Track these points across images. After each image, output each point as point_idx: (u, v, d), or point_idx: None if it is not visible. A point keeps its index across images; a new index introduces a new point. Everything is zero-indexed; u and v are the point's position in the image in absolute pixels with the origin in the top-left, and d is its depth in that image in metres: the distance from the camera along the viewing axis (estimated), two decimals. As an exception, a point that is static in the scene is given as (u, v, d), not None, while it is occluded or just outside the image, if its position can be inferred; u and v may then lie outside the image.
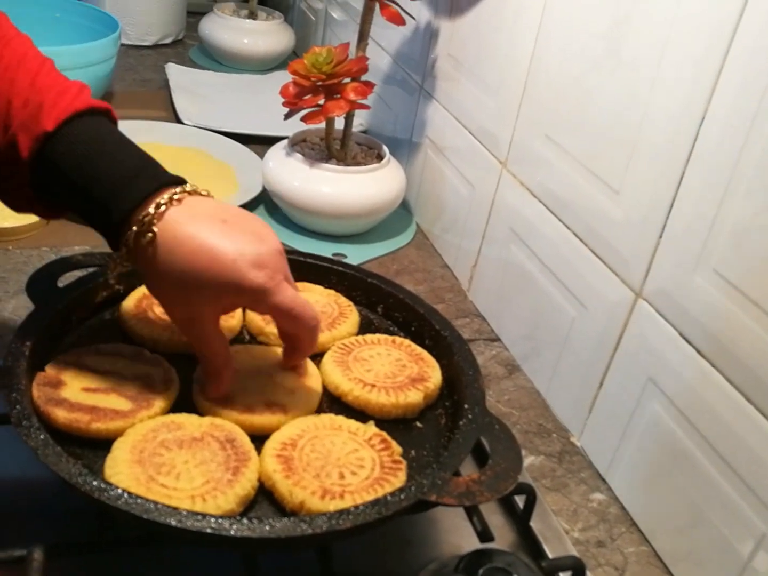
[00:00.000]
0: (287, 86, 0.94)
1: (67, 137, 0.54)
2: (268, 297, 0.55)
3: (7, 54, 0.56)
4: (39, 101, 0.54)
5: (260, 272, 0.54)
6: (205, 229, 0.54)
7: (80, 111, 0.55)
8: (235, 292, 0.55)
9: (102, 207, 0.54)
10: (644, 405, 0.66)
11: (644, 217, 0.65)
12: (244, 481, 0.53)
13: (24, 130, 0.54)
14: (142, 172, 0.55)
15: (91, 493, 0.48)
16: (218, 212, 0.56)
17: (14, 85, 0.55)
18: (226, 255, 0.53)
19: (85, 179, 0.54)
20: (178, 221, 0.54)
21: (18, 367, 0.57)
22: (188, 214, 0.55)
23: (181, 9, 1.66)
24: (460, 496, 0.52)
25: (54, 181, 0.55)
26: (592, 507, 0.68)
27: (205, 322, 0.57)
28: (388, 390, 0.63)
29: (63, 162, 0.54)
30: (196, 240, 0.54)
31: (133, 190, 0.54)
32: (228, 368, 0.59)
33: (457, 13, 0.97)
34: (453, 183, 1.00)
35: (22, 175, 0.56)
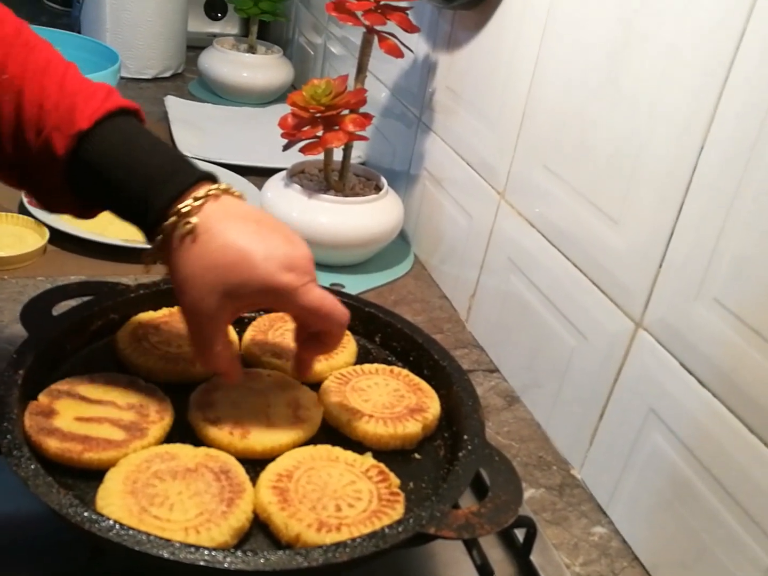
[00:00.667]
0: (286, 118, 0.95)
1: (103, 134, 0.56)
2: (296, 297, 0.55)
3: (33, 59, 0.57)
4: (71, 103, 0.55)
5: (290, 273, 0.55)
6: (240, 226, 0.55)
7: (113, 110, 0.56)
8: (261, 290, 0.55)
9: (140, 199, 0.55)
10: (645, 436, 0.65)
11: (644, 247, 0.65)
12: (239, 513, 0.52)
13: (59, 130, 0.55)
14: (179, 167, 0.57)
15: (82, 524, 0.47)
16: (252, 213, 0.57)
17: (44, 89, 0.56)
18: (257, 253, 0.54)
19: (124, 173, 0.55)
20: (216, 216, 0.55)
21: (10, 396, 0.56)
22: (224, 210, 0.56)
23: (181, 43, 1.68)
24: (459, 528, 0.51)
25: (91, 178, 0.56)
26: (593, 541, 0.67)
27: (220, 321, 0.57)
28: (386, 421, 0.62)
29: (100, 158, 0.55)
30: (229, 235, 0.54)
31: (172, 183, 0.55)
32: (233, 367, 0.60)
33: (455, 46, 0.98)
34: (451, 214, 1.00)
35: (57, 176, 0.57)
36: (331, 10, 0.93)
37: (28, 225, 0.97)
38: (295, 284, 0.55)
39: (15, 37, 0.57)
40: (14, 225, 0.97)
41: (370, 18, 0.91)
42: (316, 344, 0.61)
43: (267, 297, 0.56)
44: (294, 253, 0.56)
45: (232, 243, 0.54)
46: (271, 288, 0.54)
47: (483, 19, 0.91)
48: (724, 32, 0.57)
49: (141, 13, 1.56)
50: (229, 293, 0.55)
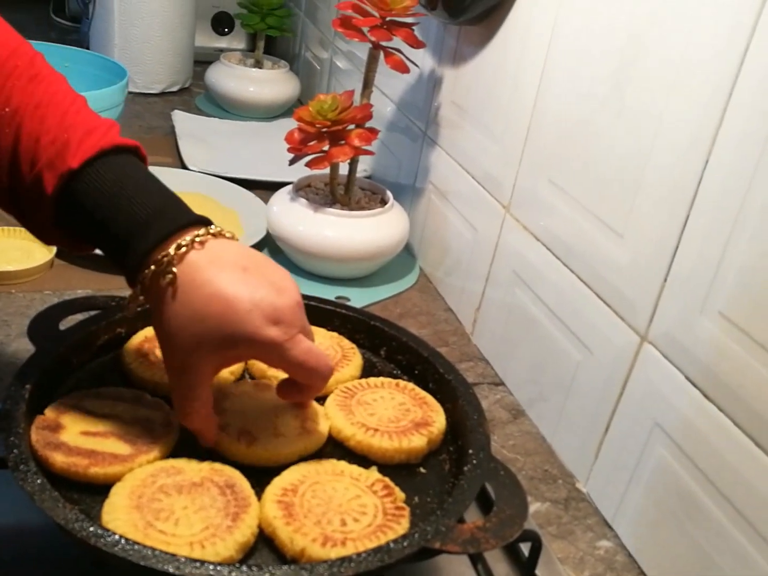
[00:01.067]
0: (292, 132, 0.95)
1: (91, 175, 0.54)
2: (282, 352, 0.54)
3: (39, 92, 0.56)
4: (66, 139, 0.54)
5: (274, 327, 0.53)
6: (225, 275, 0.53)
7: (106, 149, 0.55)
8: (246, 343, 0.53)
9: (121, 245, 0.54)
10: (651, 450, 0.65)
11: (649, 261, 0.65)
12: (244, 528, 0.52)
13: (49, 167, 0.54)
14: (163, 212, 0.55)
15: (87, 539, 0.47)
16: (240, 259, 0.55)
17: (43, 123, 0.55)
18: (241, 304, 0.52)
19: (106, 217, 0.54)
20: (198, 265, 0.53)
21: (17, 411, 0.56)
22: (209, 258, 0.54)
23: (189, 58, 1.69)
24: (464, 543, 0.51)
25: (77, 218, 0.56)
26: (598, 555, 0.67)
27: (201, 374, 0.55)
28: (391, 435, 0.62)
29: (85, 199, 0.54)
30: (213, 285, 0.53)
31: (152, 230, 0.54)
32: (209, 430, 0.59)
33: (461, 61, 0.98)
34: (456, 227, 1.00)
35: (47, 211, 0.56)
36: (337, 26, 0.94)
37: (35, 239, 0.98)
38: (281, 339, 0.53)
39: (25, 69, 0.56)
40: (21, 239, 0.98)
41: (376, 34, 0.92)
42: (294, 391, 0.61)
43: (252, 350, 0.55)
44: (280, 303, 0.54)
45: (216, 293, 0.52)
46: (255, 342, 0.53)
47: (488, 34, 0.91)
48: (730, 47, 0.57)
49: (149, 29, 1.58)
50: (213, 347, 0.53)
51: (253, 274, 0.54)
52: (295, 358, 0.55)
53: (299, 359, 0.55)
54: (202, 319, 0.52)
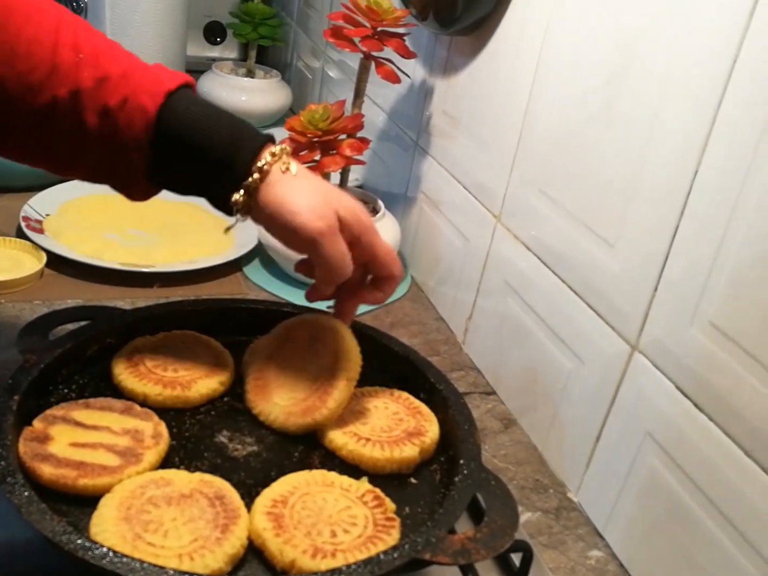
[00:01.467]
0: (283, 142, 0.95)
1: (185, 95, 0.61)
2: (324, 240, 0.60)
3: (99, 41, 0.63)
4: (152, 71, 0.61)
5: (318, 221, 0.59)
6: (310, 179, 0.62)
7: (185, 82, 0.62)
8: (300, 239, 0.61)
9: (226, 152, 0.60)
10: (642, 459, 0.65)
11: (639, 270, 0.65)
12: (233, 540, 0.52)
13: (148, 93, 0.59)
14: (249, 128, 0.62)
15: (75, 552, 0.47)
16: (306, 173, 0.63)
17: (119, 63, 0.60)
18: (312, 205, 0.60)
19: (206, 130, 0.60)
20: (291, 170, 0.61)
21: (5, 422, 0.56)
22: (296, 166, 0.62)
23: (180, 67, 1.68)
24: (455, 554, 0.51)
25: (174, 140, 0.60)
26: (590, 565, 0.67)
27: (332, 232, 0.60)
28: (382, 444, 0.62)
29: (184, 119, 0.60)
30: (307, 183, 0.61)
31: (253, 140, 0.61)
32: None
33: (452, 72, 0.99)
34: (448, 237, 1.00)
35: (143, 135, 0.60)
36: (328, 36, 0.94)
37: (26, 249, 0.98)
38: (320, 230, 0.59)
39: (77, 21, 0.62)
40: (11, 249, 0.98)
41: (367, 44, 0.92)
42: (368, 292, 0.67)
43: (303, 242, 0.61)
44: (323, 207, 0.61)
45: (314, 179, 0.62)
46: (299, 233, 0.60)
47: (479, 44, 0.92)
48: (719, 57, 0.57)
49: (141, 38, 1.57)
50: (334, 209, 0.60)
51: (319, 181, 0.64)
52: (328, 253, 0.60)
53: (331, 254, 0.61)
54: (322, 191, 0.61)
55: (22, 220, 1.01)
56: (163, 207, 1.15)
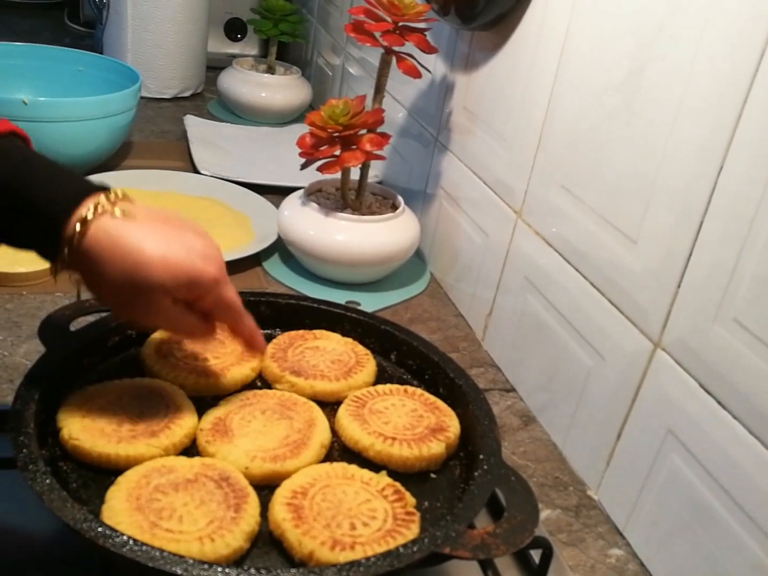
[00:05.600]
0: (304, 137, 0.95)
1: None
2: (219, 287, 0.58)
3: None
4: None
5: (211, 264, 0.57)
6: (151, 227, 0.56)
7: (4, 132, 0.56)
8: (191, 286, 0.56)
9: (40, 211, 0.54)
10: (664, 458, 0.64)
11: (662, 267, 0.64)
12: (248, 517, 0.53)
13: None
14: (69, 185, 0.56)
15: (96, 539, 0.47)
16: (158, 214, 0.58)
17: None
18: (177, 254, 0.55)
19: (22, 184, 0.54)
20: (122, 221, 0.54)
21: (27, 411, 0.56)
22: (131, 213, 0.55)
23: (201, 63, 1.70)
24: (474, 549, 0.51)
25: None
26: (610, 563, 0.66)
27: (167, 308, 0.57)
28: (409, 442, 0.61)
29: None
30: (143, 243, 0.54)
31: (74, 188, 0.55)
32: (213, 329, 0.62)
33: (473, 67, 0.98)
34: (467, 233, 1.00)
35: None
36: (349, 31, 0.94)
37: (48, 242, 0.98)
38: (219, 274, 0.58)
39: None
40: (34, 241, 0.98)
41: (389, 39, 0.92)
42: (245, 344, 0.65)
43: (192, 290, 0.57)
44: (208, 245, 0.58)
45: (149, 250, 0.54)
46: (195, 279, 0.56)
47: (501, 40, 0.91)
48: (741, 54, 0.57)
49: (162, 35, 1.58)
50: (158, 291, 0.55)
51: (174, 224, 0.58)
52: (229, 296, 0.60)
53: (232, 298, 0.60)
54: (146, 278, 0.54)
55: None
56: (181, 200, 1.16)
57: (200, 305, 0.60)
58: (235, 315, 0.62)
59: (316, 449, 0.60)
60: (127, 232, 0.54)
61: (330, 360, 0.70)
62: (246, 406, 0.64)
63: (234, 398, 0.65)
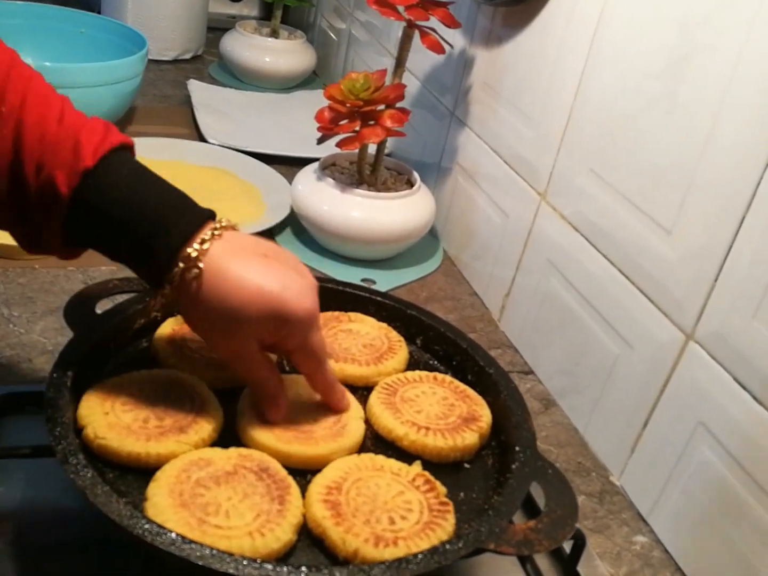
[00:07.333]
0: (323, 111, 0.93)
1: (107, 173, 0.53)
2: (307, 330, 0.56)
3: (32, 90, 0.54)
4: (74, 139, 0.53)
5: (306, 302, 0.56)
6: (249, 262, 0.55)
7: (115, 147, 0.54)
8: (281, 322, 0.55)
9: (142, 244, 0.54)
10: (693, 449, 0.64)
11: (699, 259, 0.64)
12: (293, 509, 0.53)
13: (62, 167, 0.52)
14: (186, 208, 0.55)
15: (143, 537, 0.46)
16: (257, 247, 0.57)
17: (44, 122, 0.53)
18: (272, 286, 0.54)
19: (128, 215, 0.53)
20: (222, 256, 0.54)
21: (61, 399, 0.55)
22: (230, 248, 0.55)
23: (202, 24, 1.66)
24: (518, 544, 0.51)
25: (91, 219, 0.54)
26: (635, 550, 0.67)
27: (252, 352, 0.57)
28: (443, 432, 0.61)
29: (104, 198, 0.53)
30: (241, 272, 0.54)
31: (181, 225, 0.54)
32: (282, 390, 0.60)
33: (495, 43, 0.96)
34: (485, 211, 0.99)
35: (58, 214, 0.53)
36: (372, 3, 0.91)
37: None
38: (315, 313, 0.57)
39: (11, 67, 0.54)
40: (44, 212, 0.96)
41: (413, 13, 0.89)
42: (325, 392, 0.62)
43: (284, 329, 0.55)
44: (305, 283, 0.56)
45: (245, 280, 0.54)
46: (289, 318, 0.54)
47: (527, 17, 0.89)
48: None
49: (163, -6, 1.54)
50: (250, 331, 0.55)
51: (273, 260, 0.56)
52: (320, 339, 0.58)
53: (321, 341, 0.58)
54: (236, 306, 0.54)
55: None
56: (190, 170, 1.14)
57: (283, 346, 0.58)
58: (316, 364, 0.59)
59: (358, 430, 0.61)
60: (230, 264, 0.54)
61: (362, 344, 0.70)
62: None
63: None
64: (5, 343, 0.75)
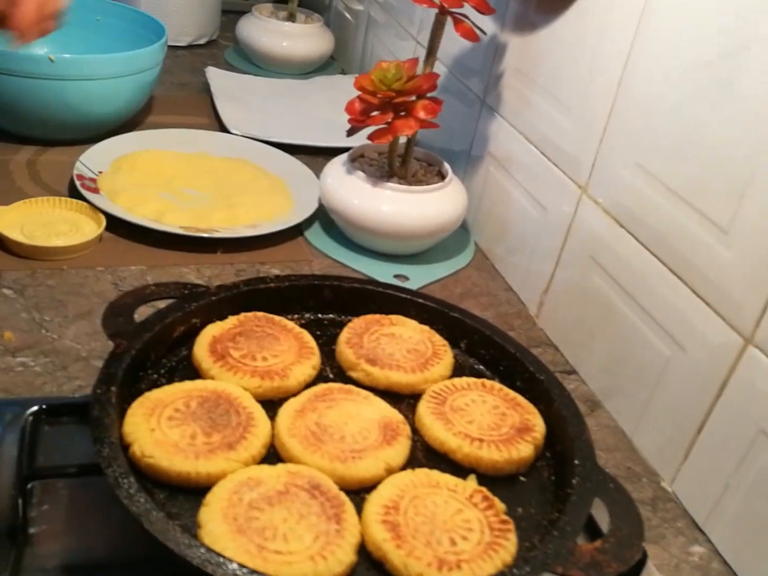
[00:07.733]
0: (353, 102, 0.90)
1: None
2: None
3: None
4: None
5: None
6: None
7: None
8: None
9: None
10: (754, 457, 0.62)
11: (759, 260, 0.61)
12: (351, 528, 0.51)
13: None
14: None
15: (203, 567, 0.44)
16: None
17: None
18: None
19: None
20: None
21: (106, 417, 0.53)
22: None
23: (217, 8, 1.62)
24: (586, 567, 0.49)
25: None
26: (693, 561, 0.65)
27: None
28: (498, 444, 0.59)
29: None
30: None
31: None
32: None
33: (529, 29, 0.93)
34: (520, 203, 0.96)
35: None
36: (404, -10, 0.88)
37: (83, 210, 0.94)
38: None
39: None
40: (68, 210, 0.94)
41: (448, 0, 0.86)
42: None
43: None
44: None
45: None
46: None
47: (563, 2, 0.86)
48: None
49: (177, -23, 1.50)
50: None
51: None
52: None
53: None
54: None
55: (76, 178, 0.97)
56: (214, 163, 1.12)
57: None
58: None
59: None
60: None
61: (406, 349, 0.68)
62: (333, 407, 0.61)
63: None
64: (39, 350, 0.73)
